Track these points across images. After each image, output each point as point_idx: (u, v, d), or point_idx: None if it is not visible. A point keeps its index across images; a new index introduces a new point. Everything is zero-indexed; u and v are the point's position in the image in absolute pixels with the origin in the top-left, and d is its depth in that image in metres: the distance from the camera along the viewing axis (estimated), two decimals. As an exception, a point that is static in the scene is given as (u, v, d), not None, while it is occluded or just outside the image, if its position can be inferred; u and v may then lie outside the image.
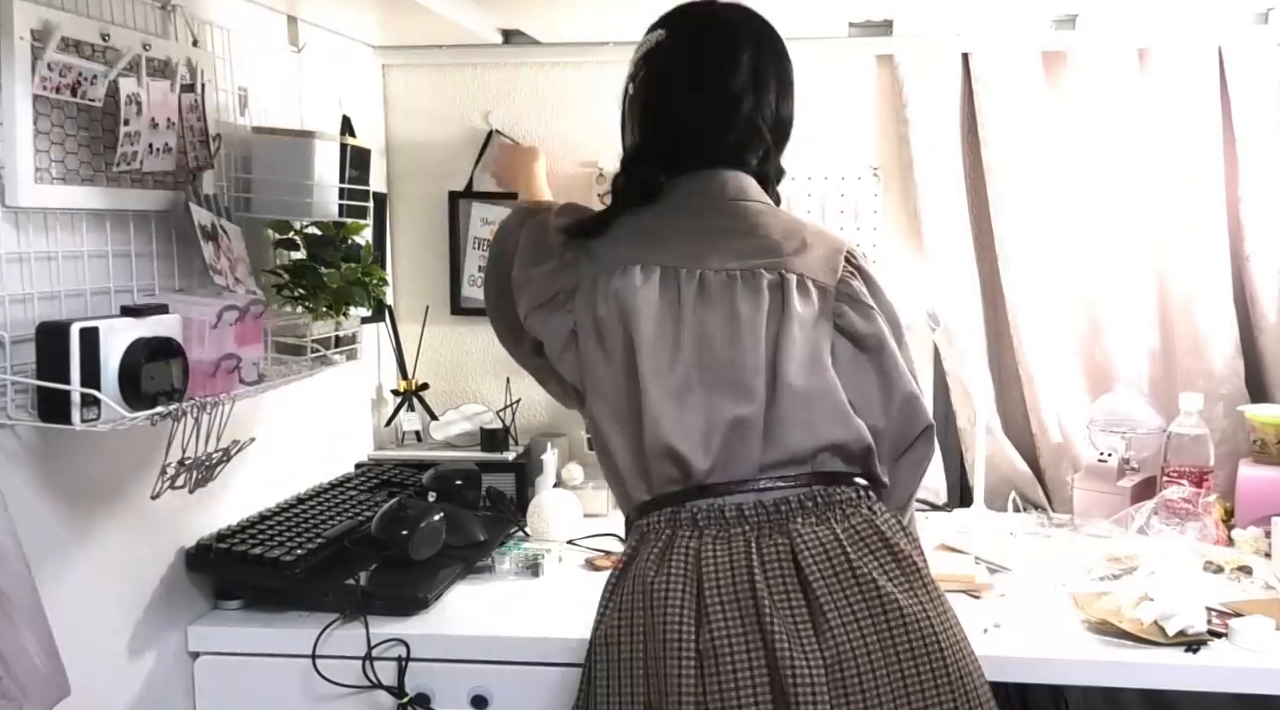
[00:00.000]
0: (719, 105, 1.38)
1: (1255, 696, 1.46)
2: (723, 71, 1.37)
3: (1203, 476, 1.91)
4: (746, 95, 1.37)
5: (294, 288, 1.78)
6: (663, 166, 1.39)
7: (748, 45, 1.38)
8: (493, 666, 1.55)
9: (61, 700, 1.20)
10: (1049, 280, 2.15)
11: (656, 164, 1.39)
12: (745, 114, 1.37)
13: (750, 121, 1.38)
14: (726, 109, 1.37)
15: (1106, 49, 2.10)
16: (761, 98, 1.38)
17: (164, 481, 1.43)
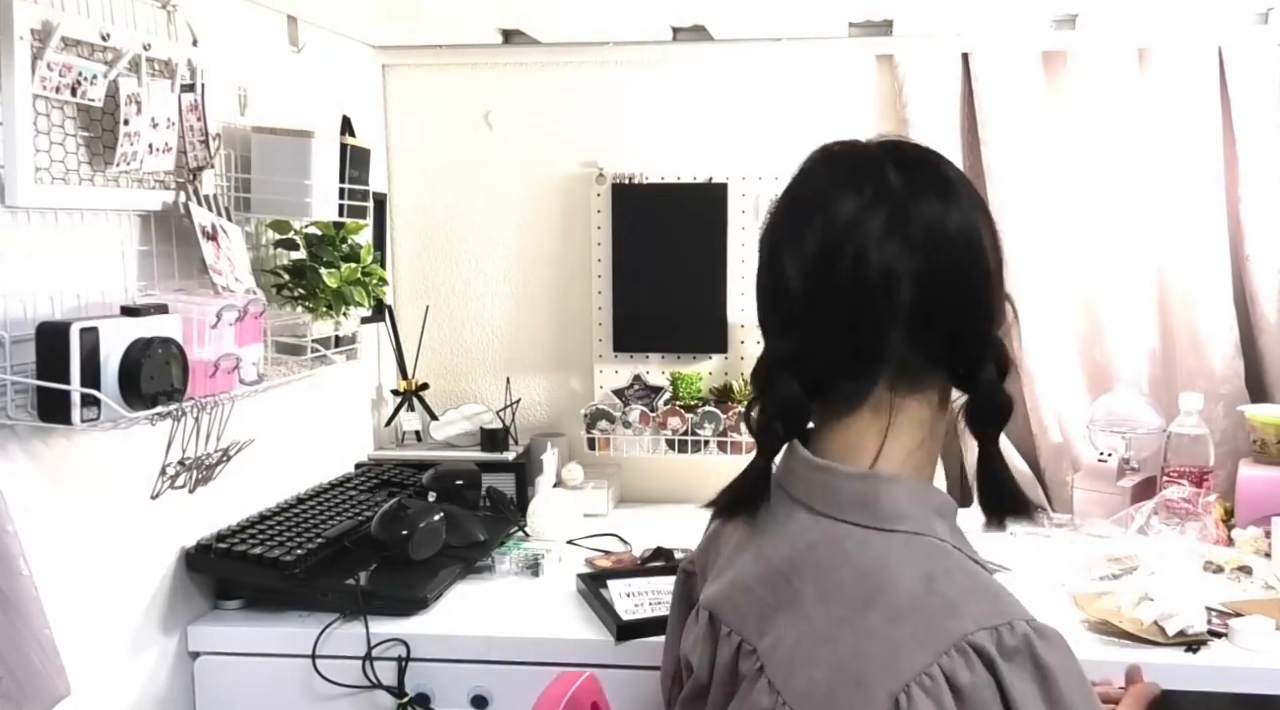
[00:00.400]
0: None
1: (1255, 696, 1.46)
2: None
3: (1203, 476, 1.91)
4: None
5: (294, 288, 1.78)
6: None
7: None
8: (493, 666, 1.55)
9: (61, 700, 1.20)
10: (1049, 280, 2.15)
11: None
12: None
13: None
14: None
15: (1106, 49, 2.10)
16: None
17: (164, 481, 1.43)
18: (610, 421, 2.20)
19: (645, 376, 2.27)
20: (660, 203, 2.23)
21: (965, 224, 0.97)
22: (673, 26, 2.19)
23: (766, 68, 2.24)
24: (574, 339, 2.34)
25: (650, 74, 2.27)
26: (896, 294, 0.93)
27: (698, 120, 2.26)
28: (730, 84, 2.25)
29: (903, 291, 0.93)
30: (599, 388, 2.29)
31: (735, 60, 2.24)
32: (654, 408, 2.21)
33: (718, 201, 2.21)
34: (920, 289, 0.93)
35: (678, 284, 2.23)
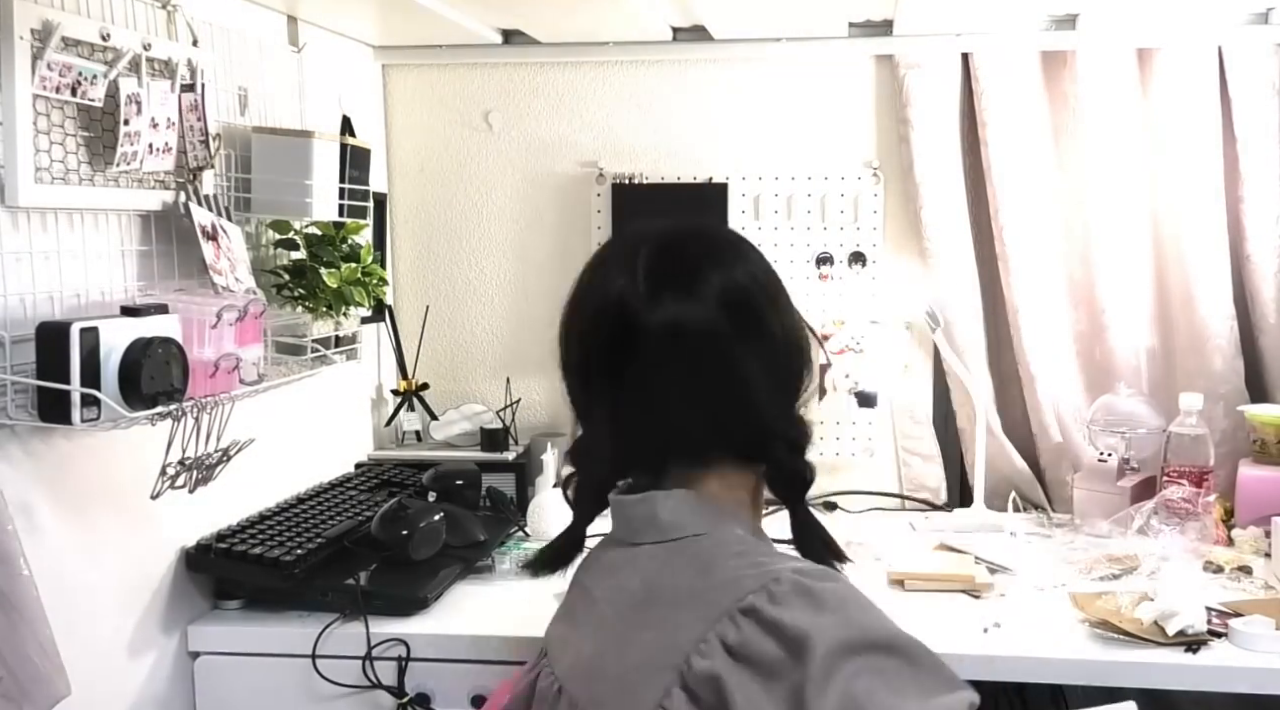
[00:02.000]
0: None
1: (1255, 696, 1.46)
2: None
3: (1203, 476, 1.91)
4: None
5: (294, 288, 1.78)
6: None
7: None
8: (493, 666, 1.55)
9: (61, 700, 1.20)
10: (1049, 280, 2.15)
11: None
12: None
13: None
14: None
15: (1106, 49, 2.10)
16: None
17: (164, 481, 1.43)
18: (610, 421, 2.20)
19: (645, 376, 2.26)
20: (660, 203, 2.23)
21: (706, 318, 0.99)
22: (673, 26, 2.19)
23: (766, 67, 2.24)
24: (574, 339, 2.34)
25: (650, 74, 2.27)
26: (654, 394, 0.99)
27: (698, 120, 2.26)
28: (730, 84, 2.25)
29: (656, 393, 0.99)
30: (599, 388, 2.29)
31: (735, 60, 2.24)
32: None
33: (718, 201, 2.21)
34: (671, 386, 0.98)
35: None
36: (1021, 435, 2.21)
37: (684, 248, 1.04)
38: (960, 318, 2.16)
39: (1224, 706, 1.54)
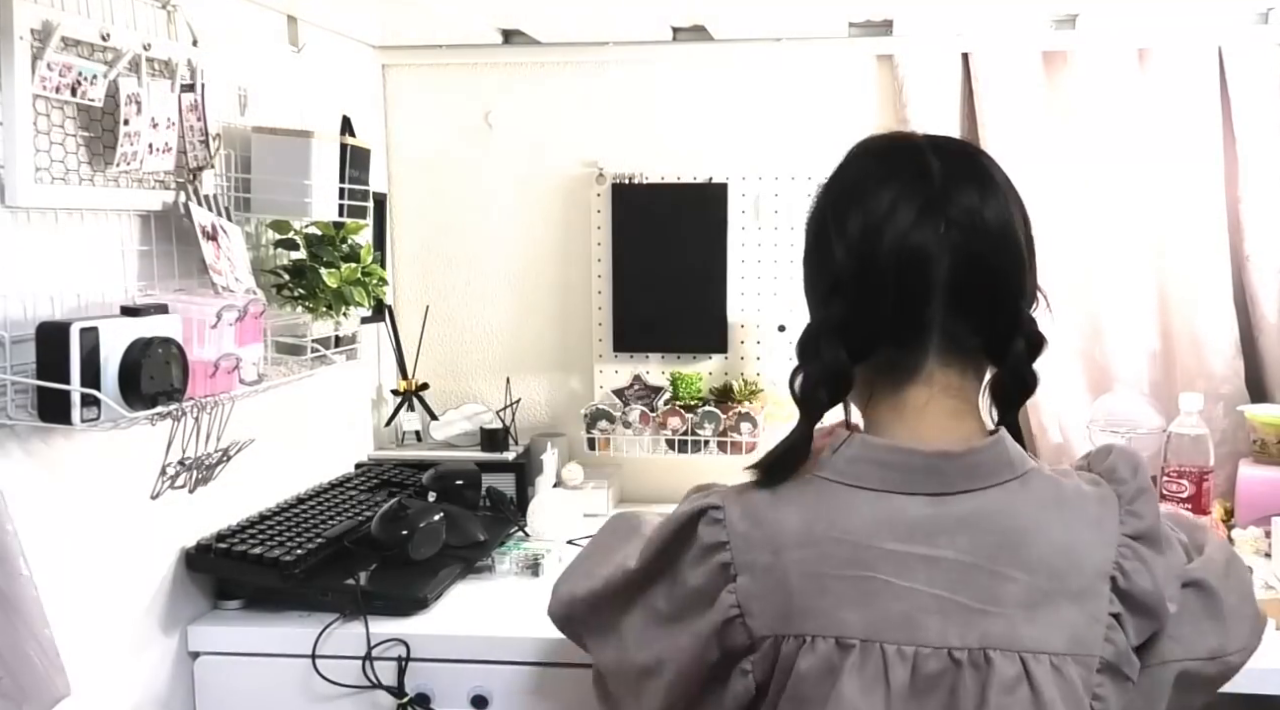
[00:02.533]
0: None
1: (1255, 696, 1.46)
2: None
3: (1203, 476, 1.91)
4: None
5: (294, 288, 1.78)
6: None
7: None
8: (493, 666, 1.55)
9: (61, 700, 1.20)
10: (1049, 280, 2.14)
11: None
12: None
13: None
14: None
15: (1106, 49, 2.10)
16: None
17: (164, 481, 1.43)
18: (610, 421, 2.20)
19: (645, 376, 2.27)
20: (660, 203, 2.23)
21: (1000, 211, 1.02)
22: (673, 26, 2.19)
23: (766, 68, 2.24)
24: (574, 339, 2.34)
25: (650, 74, 2.27)
26: (934, 268, 0.99)
27: (698, 120, 2.26)
28: (730, 84, 2.25)
29: (939, 266, 0.99)
30: (599, 388, 2.29)
31: (735, 60, 2.24)
32: (654, 408, 2.21)
33: (718, 201, 2.21)
34: (956, 266, 0.99)
35: (678, 284, 2.23)
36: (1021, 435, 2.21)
37: (964, 144, 1.10)
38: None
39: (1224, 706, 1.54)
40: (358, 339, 1.97)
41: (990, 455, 1.00)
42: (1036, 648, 0.94)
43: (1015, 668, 0.93)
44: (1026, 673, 0.93)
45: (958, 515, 0.97)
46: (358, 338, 1.97)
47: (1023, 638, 0.94)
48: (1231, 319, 2.09)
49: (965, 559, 0.96)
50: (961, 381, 1.03)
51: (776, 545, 0.98)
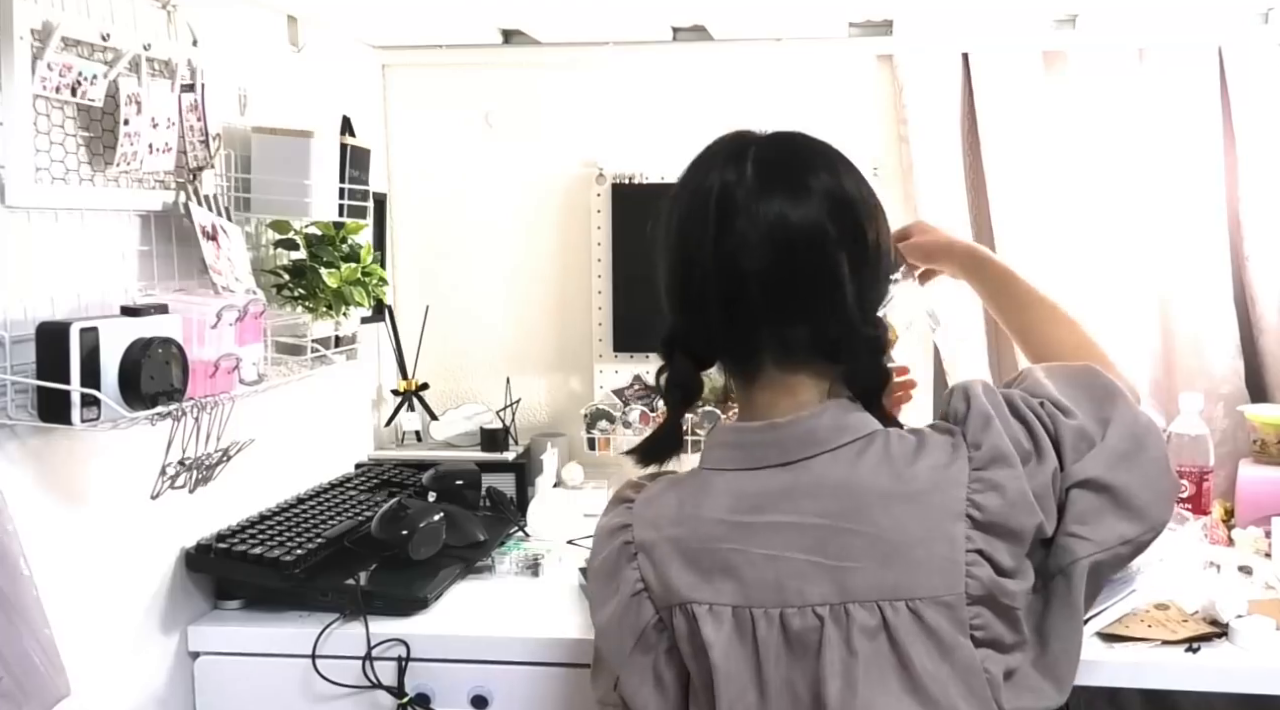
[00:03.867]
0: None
1: (1255, 696, 1.46)
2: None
3: (1203, 476, 1.91)
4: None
5: (294, 288, 1.78)
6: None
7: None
8: (493, 666, 1.55)
9: (61, 700, 1.20)
10: (1048, 280, 2.14)
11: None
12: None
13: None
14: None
15: (1106, 49, 2.10)
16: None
17: (164, 481, 1.43)
18: (610, 421, 2.20)
19: (645, 376, 2.27)
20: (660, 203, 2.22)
21: (808, 218, 1.03)
22: (673, 26, 2.19)
23: (766, 68, 2.24)
24: (574, 339, 2.34)
25: (650, 74, 2.27)
26: (743, 283, 1.03)
27: (698, 120, 2.26)
28: (730, 84, 2.25)
29: (749, 281, 1.03)
30: (599, 388, 2.29)
31: (735, 60, 2.24)
32: (654, 408, 2.20)
33: (718, 201, 2.21)
34: (765, 278, 1.02)
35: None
36: (1021, 435, 2.21)
37: (794, 148, 1.09)
38: (960, 318, 2.16)
39: (1224, 706, 1.54)
40: (358, 339, 1.97)
41: (821, 422, 1.04)
42: (892, 596, 0.97)
43: (874, 617, 0.97)
44: (884, 621, 0.97)
45: (801, 482, 1.02)
46: (358, 338, 1.97)
47: (878, 588, 0.98)
48: (1231, 319, 2.09)
49: (815, 521, 1.00)
50: (801, 379, 1.07)
51: (657, 524, 1.07)
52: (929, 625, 0.97)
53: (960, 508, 0.99)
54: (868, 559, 0.98)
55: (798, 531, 1.00)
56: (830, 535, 1.00)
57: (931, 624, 0.97)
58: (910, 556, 0.98)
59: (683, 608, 1.03)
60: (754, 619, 1.00)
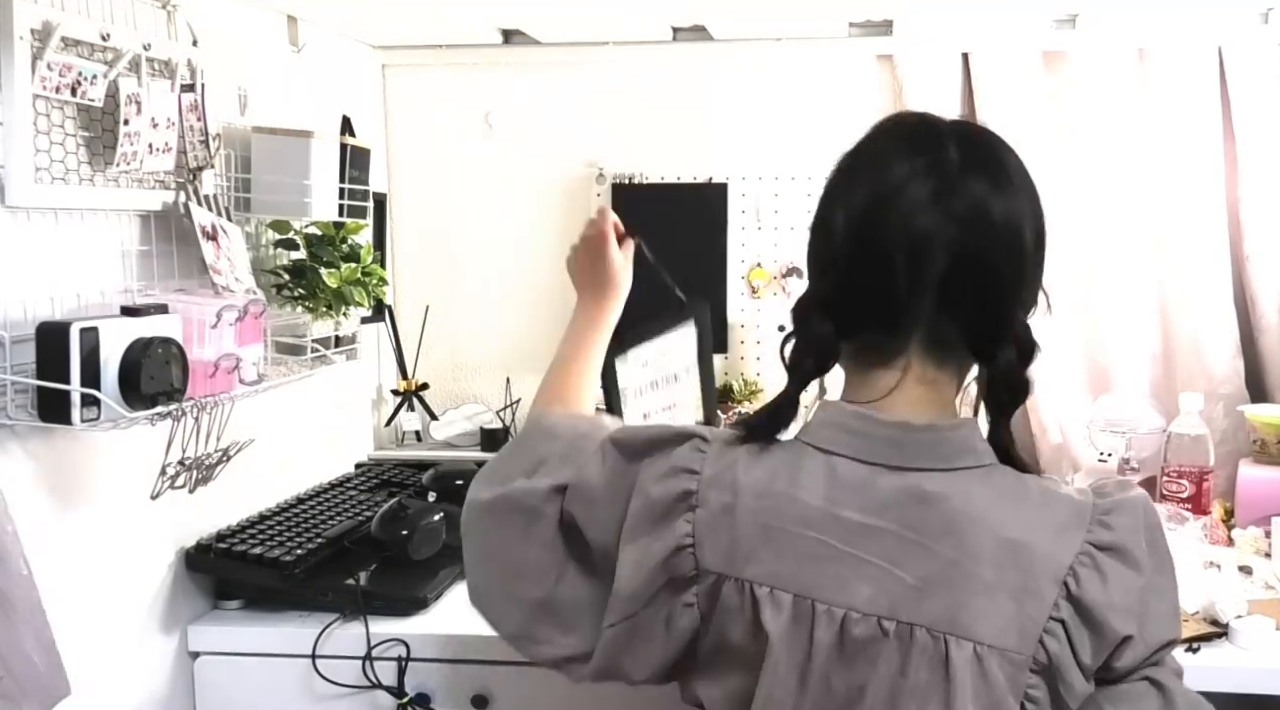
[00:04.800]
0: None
1: (1255, 696, 1.46)
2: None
3: (1203, 476, 1.91)
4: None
5: (294, 288, 1.78)
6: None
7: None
8: (493, 666, 1.55)
9: (61, 700, 1.20)
10: (1048, 280, 2.14)
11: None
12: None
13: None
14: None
15: (1106, 48, 2.10)
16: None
17: (164, 481, 1.43)
18: (610, 421, 2.20)
19: (645, 376, 2.27)
20: (660, 203, 2.23)
21: (1009, 209, 1.00)
22: (673, 26, 2.19)
23: (766, 68, 2.24)
24: (574, 339, 2.34)
25: (650, 74, 2.27)
26: (930, 258, 0.97)
27: (698, 120, 2.26)
28: (730, 84, 2.25)
29: (936, 258, 0.97)
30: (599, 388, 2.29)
31: (735, 60, 2.24)
32: (654, 408, 2.20)
33: (718, 201, 2.21)
34: (953, 259, 0.97)
35: (677, 284, 2.22)
36: (1021, 435, 2.21)
37: (990, 138, 1.05)
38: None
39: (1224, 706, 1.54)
40: (358, 339, 1.97)
41: (954, 436, 1.00)
42: (963, 634, 0.93)
43: (938, 648, 0.93)
44: (946, 656, 0.93)
45: (911, 491, 0.97)
46: (358, 338, 1.97)
47: (951, 621, 0.93)
48: (1231, 319, 2.09)
49: (910, 535, 0.96)
50: (937, 375, 1.01)
51: (737, 489, 1.00)
52: (987, 675, 0.93)
53: (1061, 573, 0.94)
54: (950, 588, 0.94)
55: (887, 538, 0.96)
56: (919, 552, 0.95)
57: (989, 675, 0.93)
58: (994, 601, 0.93)
59: (739, 582, 0.98)
60: (815, 612, 0.96)
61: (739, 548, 0.99)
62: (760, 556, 0.98)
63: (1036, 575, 0.94)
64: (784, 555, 0.98)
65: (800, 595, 0.96)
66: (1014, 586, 0.94)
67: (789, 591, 0.97)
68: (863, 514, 0.97)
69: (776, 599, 0.97)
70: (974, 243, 0.98)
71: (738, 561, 0.99)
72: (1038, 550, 0.95)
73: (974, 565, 0.94)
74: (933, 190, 0.98)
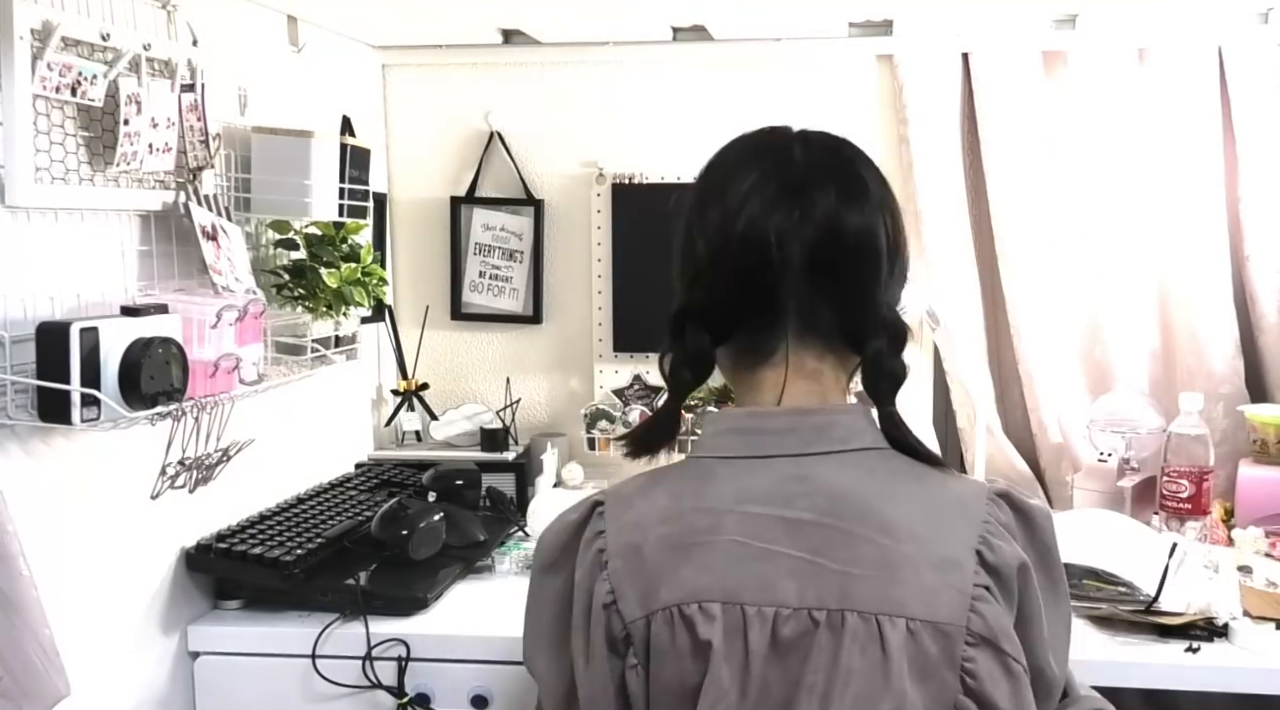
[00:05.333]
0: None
1: (1255, 696, 1.46)
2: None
3: (1203, 476, 1.91)
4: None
5: (294, 288, 1.78)
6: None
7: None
8: (493, 666, 1.55)
9: (61, 700, 1.20)
10: (1049, 280, 2.15)
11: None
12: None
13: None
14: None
15: (1106, 49, 2.10)
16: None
17: (164, 481, 1.43)
18: (610, 421, 2.20)
19: (645, 376, 2.27)
20: (660, 203, 2.20)
21: (859, 201, 1.03)
22: (673, 26, 2.19)
23: (766, 68, 2.24)
24: (574, 339, 2.34)
25: (650, 74, 2.27)
26: (787, 254, 1.00)
27: (698, 120, 2.26)
28: (730, 84, 2.25)
29: (793, 252, 1.00)
30: (599, 388, 2.29)
31: (735, 60, 2.24)
32: (654, 408, 2.21)
33: (718, 201, 2.20)
34: (810, 249, 1.00)
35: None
36: (1021, 435, 2.21)
37: (836, 142, 1.09)
38: (960, 318, 2.16)
39: (1224, 706, 1.54)
40: (358, 339, 1.97)
41: (848, 418, 1.01)
42: (893, 611, 0.93)
43: (870, 629, 0.93)
44: (880, 635, 0.92)
45: (817, 477, 0.98)
46: (358, 338, 1.97)
47: (880, 599, 0.93)
48: (1231, 319, 2.09)
49: (825, 521, 0.96)
50: (819, 366, 1.03)
51: (644, 525, 0.99)
52: (922, 649, 0.92)
53: (973, 542, 0.96)
54: (874, 568, 0.94)
55: (804, 528, 0.96)
56: (838, 537, 0.95)
57: (924, 649, 0.92)
58: (919, 575, 0.94)
59: (665, 612, 0.96)
60: (746, 616, 0.94)
61: (658, 578, 0.97)
62: (680, 577, 0.96)
63: (953, 544, 0.95)
64: (704, 568, 0.97)
65: (728, 602, 0.95)
66: (935, 559, 0.94)
67: (716, 601, 0.95)
68: (775, 508, 0.97)
69: (707, 611, 0.95)
70: (828, 230, 1.00)
71: (660, 592, 0.97)
72: (950, 523, 0.96)
73: (894, 543, 0.95)
74: (781, 189, 1.02)
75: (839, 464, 0.99)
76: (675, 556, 0.97)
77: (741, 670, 0.94)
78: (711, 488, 1.00)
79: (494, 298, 2.34)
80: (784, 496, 0.98)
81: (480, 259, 2.33)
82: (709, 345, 1.04)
